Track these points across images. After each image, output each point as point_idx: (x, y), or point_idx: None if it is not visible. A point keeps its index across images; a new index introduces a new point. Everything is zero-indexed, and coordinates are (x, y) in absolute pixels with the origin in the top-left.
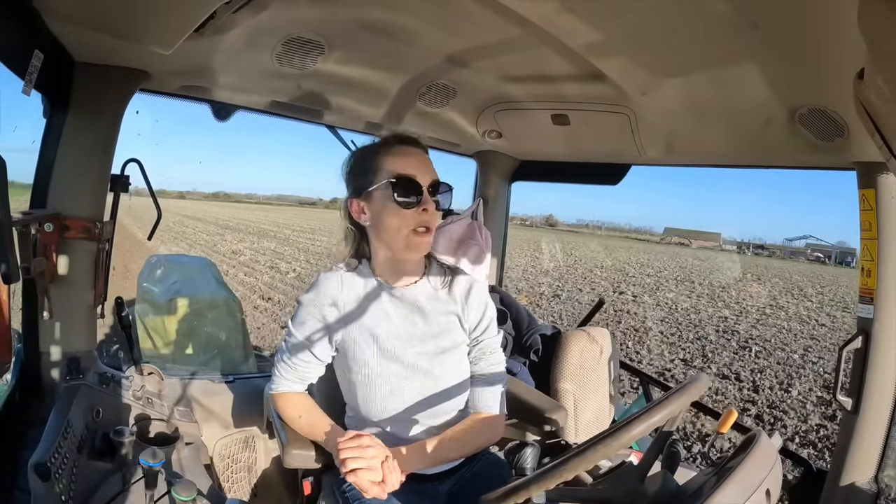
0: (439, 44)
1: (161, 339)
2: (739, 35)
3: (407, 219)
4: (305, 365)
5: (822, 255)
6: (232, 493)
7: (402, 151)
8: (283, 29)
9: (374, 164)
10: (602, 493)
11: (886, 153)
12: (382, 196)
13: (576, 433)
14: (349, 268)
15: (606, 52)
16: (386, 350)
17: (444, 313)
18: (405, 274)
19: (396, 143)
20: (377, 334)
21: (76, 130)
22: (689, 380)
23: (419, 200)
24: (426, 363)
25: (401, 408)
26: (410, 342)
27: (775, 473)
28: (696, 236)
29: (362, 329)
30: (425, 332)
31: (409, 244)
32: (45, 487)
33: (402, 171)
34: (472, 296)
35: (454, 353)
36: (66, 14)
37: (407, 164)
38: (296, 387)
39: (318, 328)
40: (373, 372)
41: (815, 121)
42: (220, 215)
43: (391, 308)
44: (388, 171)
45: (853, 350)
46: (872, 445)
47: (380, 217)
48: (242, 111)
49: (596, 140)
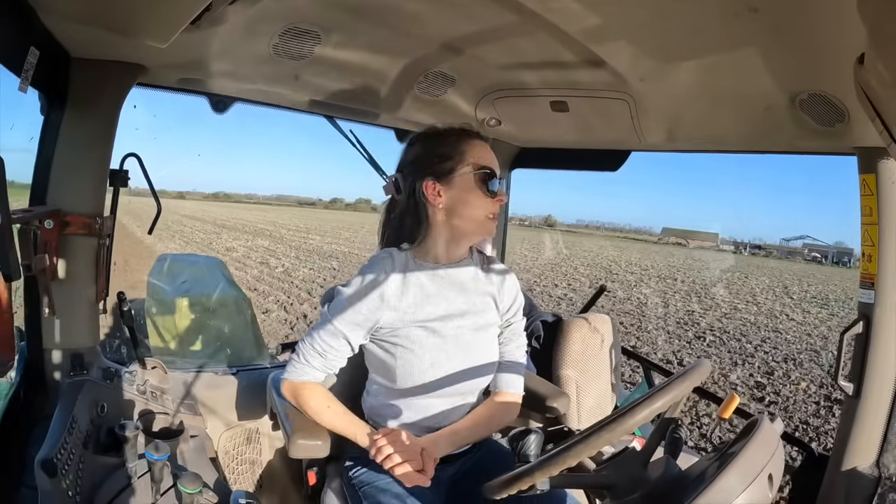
0: (437, 31)
1: (171, 338)
2: (739, 20)
3: (487, 206)
4: (335, 353)
5: (819, 255)
6: (237, 485)
7: (480, 144)
8: (280, 19)
9: (457, 151)
10: (605, 479)
11: (887, 138)
12: (466, 182)
13: (578, 420)
14: (390, 254)
15: (605, 37)
16: (427, 325)
17: (482, 293)
18: (456, 254)
19: (474, 135)
20: (418, 312)
21: (74, 126)
22: (691, 366)
23: (497, 191)
24: (465, 337)
25: (438, 381)
26: (451, 318)
27: (777, 458)
28: (694, 236)
29: (403, 310)
30: (464, 309)
31: (484, 228)
32: (51, 483)
33: (485, 163)
34: (507, 281)
35: (489, 332)
36: (61, 10)
37: (487, 157)
38: (319, 375)
39: (357, 316)
40: (414, 346)
41: (815, 106)
42: (219, 215)
43: (433, 287)
44: (471, 161)
45: (854, 335)
46: (874, 430)
47: (461, 201)
48: (241, 103)
49: (596, 126)
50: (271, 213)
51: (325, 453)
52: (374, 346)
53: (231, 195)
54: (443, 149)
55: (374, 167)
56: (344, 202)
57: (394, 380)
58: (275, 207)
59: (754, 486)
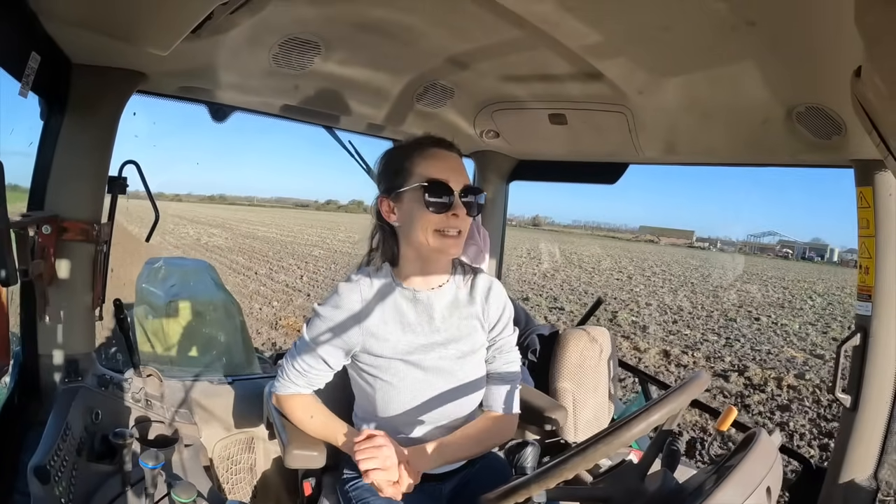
0: (437, 44)
1: (160, 342)
2: (736, 33)
3: (437, 222)
4: (316, 372)
5: (790, 251)
6: (232, 495)
7: (435, 154)
8: (281, 29)
9: (407, 165)
10: (602, 492)
11: (884, 151)
12: (413, 198)
13: (575, 432)
14: (368, 275)
15: (604, 51)
16: (408, 358)
17: (466, 317)
18: (432, 275)
19: (430, 145)
20: (398, 343)
21: (73, 132)
22: (689, 378)
23: (450, 204)
24: (448, 367)
25: (421, 412)
26: (433, 348)
27: (775, 471)
28: (669, 234)
29: (383, 338)
30: (447, 337)
31: (438, 247)
32: (44, 490)
33: (435, 175)
34: (492, 295)
35: (474, 357)
36: (63, 16)
37: (439, 167)
38: (303, 391)
39: (334, 339)
40: (395, 379)
41: (812, 119)
42: (199, 213)
43: (413, 315)
44: (420, 174)
45: (851, 347)
46: (871, 442)
47: (410, 218)
48: (240, 112)
49: (594, 139)
50: (259, 215)
51: (321, 464)
52: (353, 372)
53: (227, 197)
54: (396, 162)
55: (372, 177)
56: (338, 204)
57: (374, 409)
58: (267, 209)
59: (752, 499)
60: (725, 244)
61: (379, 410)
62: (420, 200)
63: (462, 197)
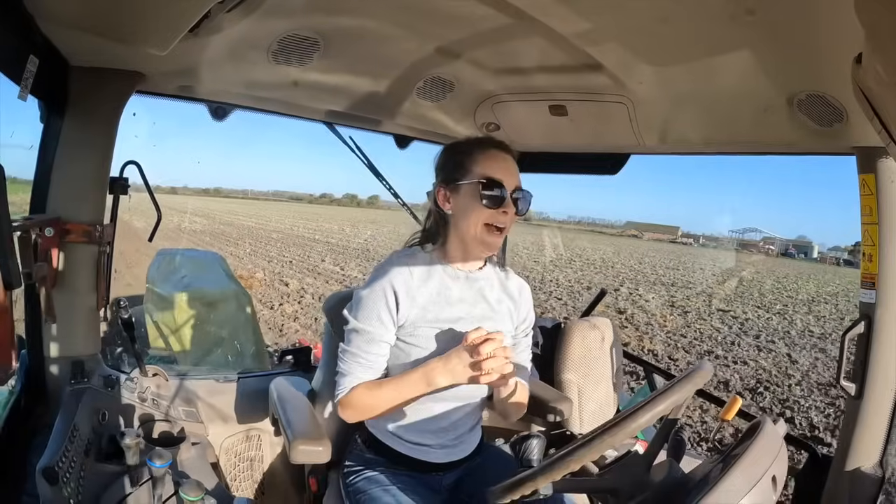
0: (436, 37)
1: (171, 333)
2: (736, 22)
3: (487, 217)
4: (375, 356)
5: (773, 247)
6: (239, 492)
7: (493, 155)
8: (279, 27)
9: (467, 161)
10: (608, 483)
11: (886, 137)
12: (470, 192)
13: (580, 423)
14: (414, 253)
15: (603, 41)
16: (449, 331)
17: (500, 303)
18: (472, 262)
19: (491, 145)
20: (441, 316)
21: (74, 134)
22: (693, 368)
23: (503, 201)
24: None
25: (456, 386)
26: (471, 322)
27: (781, 460)
28: (653, 229)
29: (426, 311)
30: (483, 315)
31: (483, 240)
32: (52, 492)
33: (491, 174)
34: (523, 294)
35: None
36: (60, 18)
37: (497, 167)
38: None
39: (387, 315)
40: (433, 347)
41: (813, 106)
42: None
43: (455, 290)
44: (478, 171)
45: (856, 335)
46: (877, 430)
47: (463, 209)
48: (240, 110)
49: (595, 130)
50: (249, 207)
51: (325, 459)
52: (395, 350)
53: (222, 190)
54: (457, 157)
55: (374, 173)
56: (331, 197)
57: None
58: (258, 202)
59: (758, 489)
60: (708, 240)
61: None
62: (476, 195)
63: (513, 196)
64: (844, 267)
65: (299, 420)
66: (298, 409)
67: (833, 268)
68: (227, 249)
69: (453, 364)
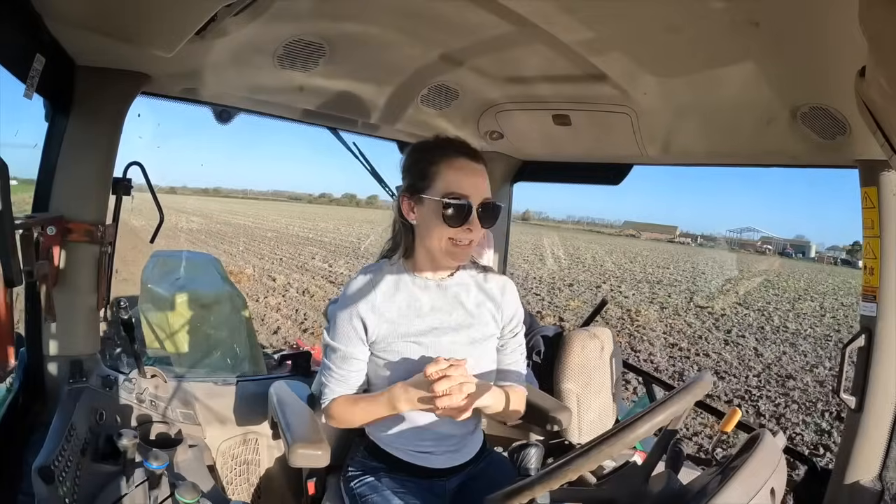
0: (441, 45)
1: (166, 336)
2: (740, 34)
3: (452, 234)
4: (354, 373)
5: (771, 247)
6: (235, 495)
7: (460, 166)
8: (285, 31)
9: (432, 171)
10: (606, 494)
11: (888, 150)
12: (433, 207)
13: (579, 433)
14: (380, 267)
15: (607, 52)
16: (421, 340)
17: (479, 305)
18: (441, 269)
19: (458, 153)
20: (412, 329)
21: (78, 134)
22: (693, 379)
23: (467, 220)
24: (459, 351)
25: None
26: (446, 332)
27: (780, 472)
28: (651, 229)
29: (397, 323)
30: (460, 322)
31: (449, 253)
32: (48, 491)
33: (456, 190)
34: (507, 292)
35: (486, 345)
36: (68, 17)
37: (462, 180)
38: (343, 390)
39: (352, 333)
40: (407, 361)
41: (816, 119)
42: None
43: (426, 300)
44: (442, 185)
45: (856, 348)
46: (876, 443)
47: (427, 223)
48: (245, 114)
49: (598, 140)
50: (237, 205)
51: (325, 463)
52: (371, 365)
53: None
54: (421, 165)
55: (377, 179)
56: (330, 197)
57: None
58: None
59: (756, 501)
60: (706, 239)
61: None
62: (438, 211)
63: (479, 211)
64: (842, 266)
65: (299, 424)
66: (298, 413)
67: (829, 267)
68: (222, 247)
69: (412, 394)
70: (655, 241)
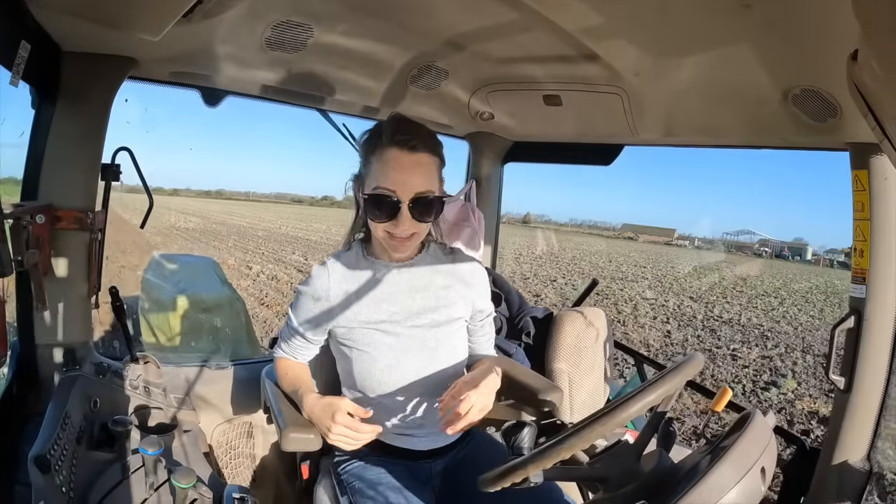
0: (431, 25)
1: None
2: (732, 15)
3: (383, 227)
4: (299, 346)
5: (768, 249)
6: (231, 480)
7: (389, 158)
8: (272, 12)
9: (368, 160)
10: (598, 472)
11: (879, 134)
12: (364, 200)
13: (571, 413)
14: (338, 256)
15: (599, 32)
16: (381, 327)
17: (443, 287)
18: (398, 254)
19: (391, 143)
20: (371, 313)
21: (65, 120)
22: (684, 359)
23: (394, 216)
24: (421, 335)
25: (399, 382)
26: (408, 316)
27: (770, 452)
28: (650, 231)
29: (356, 310)
30: (422, 306)
31: (389, 246)
32: (45, 479)
33: (383, 184)
34: (476, 278)
35: (451, 326)
36: (52, 3)
37: (390, 175)
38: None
39: (311, 317)
40: (369, 348)
41: (808, 101)
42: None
43: (386, 285)
44: (371, 180)
45: (845, 329)
46: (865, 424)
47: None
48: (233, 97)
49: (589, 120)
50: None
51: (317, 447)
52: (333, 346)
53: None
54: (364, 152)
55: None
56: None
57: (353, 384)
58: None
59: (747, 479)
60: (704, 242)
61: (358, 380)
62: (369, 206)
63: (411, 207)
64: (837, 268)
65: (291, 408)
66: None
67: (823, 269)
68: (212, 244)
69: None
70: (653, 243)
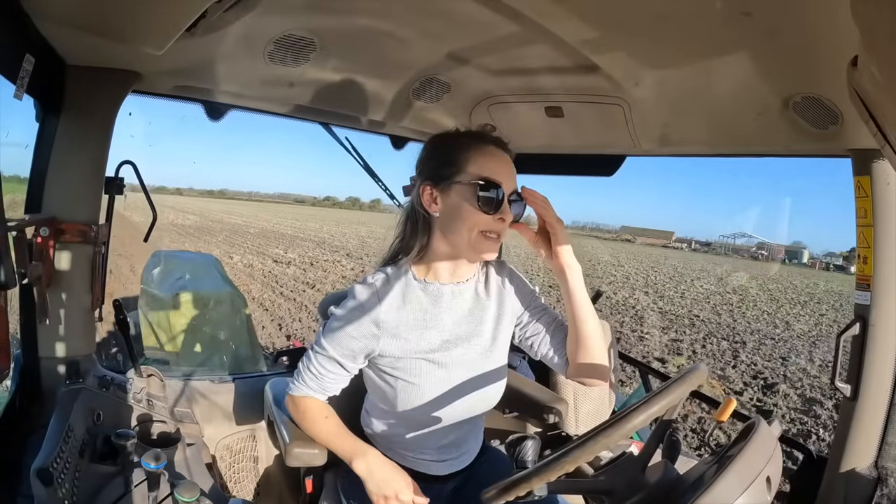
0: (432, 39)
1: (166, 335)
2: (732, 24)
3: (482, 223)
4: (333, 377)
5: (765, 252)
6: (234, 493)
7: (492, 153)
8: (275, 27)
9: (462, 156)
10: (603, 485)
11: (881, 140)
12: (463, 193)
13: (576, 424)
14: (385, 274)
15: (599, 43)
16: (430, 357)
17: (487, 309)
18: (459, 270)
19: (488, 142)
20: (420, 341)
21: (69, 134)
22: (688, 369)
23: (500, 208)
24: (471, 362)
25: (443, 408)
26: (457, 343)
27: (775, 461)
28: (648, 234)
29: (403, 338)
30: (471, 332)
31: (476, 247)
32: (47, 493)
33: (490, 175)
34: (511, 278)
35: (497, 350)
36: (57, 17)
37: (497, 168)
38: (317, 396)
39: (352, 342)
40: (417, 379)
41: (809, 109)
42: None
43: (435, 312)
44: (475, 170)
45: (851, 336)
46: (872, 431)
47: (454, 212)
48: (236, 111)
49: (590, 132)
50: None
51: (321, 461)
52: (372, 372)
53: (228, 192)
54: (447, 152)
55: (369, 173)
56: (334, 200)
57: (394, 406)
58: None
59: (752, 489)
60: (701, 244)
61: (399, 408)
62: (471, 198)
63: (511, 201)
64: (833, 272)
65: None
66: None
67: (818, 272)
68: (203, 238)
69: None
70: (650, 245)
